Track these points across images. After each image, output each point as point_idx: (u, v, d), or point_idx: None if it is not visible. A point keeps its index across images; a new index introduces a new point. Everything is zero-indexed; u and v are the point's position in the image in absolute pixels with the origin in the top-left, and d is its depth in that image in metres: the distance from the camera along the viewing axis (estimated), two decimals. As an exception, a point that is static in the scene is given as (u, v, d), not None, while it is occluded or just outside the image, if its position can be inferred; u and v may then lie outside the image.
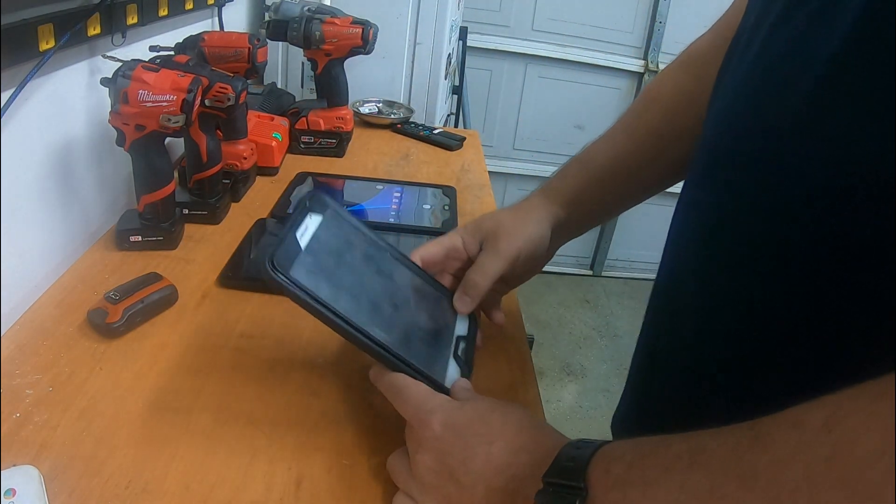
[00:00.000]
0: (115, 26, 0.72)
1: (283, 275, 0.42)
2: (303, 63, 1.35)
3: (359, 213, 0.85)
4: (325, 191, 0.92)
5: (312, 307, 0.43)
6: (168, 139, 0.69)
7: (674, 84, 0.58)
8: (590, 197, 0.59)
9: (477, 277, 0.53)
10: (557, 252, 0.62)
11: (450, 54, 1.50)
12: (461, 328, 0.54)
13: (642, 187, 0.60)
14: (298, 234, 0.46)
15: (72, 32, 0.63)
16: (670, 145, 0.56)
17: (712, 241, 0.42)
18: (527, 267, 0.57)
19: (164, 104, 0.63)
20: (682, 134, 0.54)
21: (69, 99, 0.68)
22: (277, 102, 1.16)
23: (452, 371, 0.49)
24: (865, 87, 0.31)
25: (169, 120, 0.64)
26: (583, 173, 0.59)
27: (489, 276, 0.53)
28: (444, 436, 0.41)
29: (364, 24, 0.99)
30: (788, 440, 0.27)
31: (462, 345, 0.52)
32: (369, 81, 1.33)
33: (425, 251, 0.55)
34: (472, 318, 0.55)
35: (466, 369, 0.50)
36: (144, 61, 0.66)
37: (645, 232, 2.58)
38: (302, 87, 1.38)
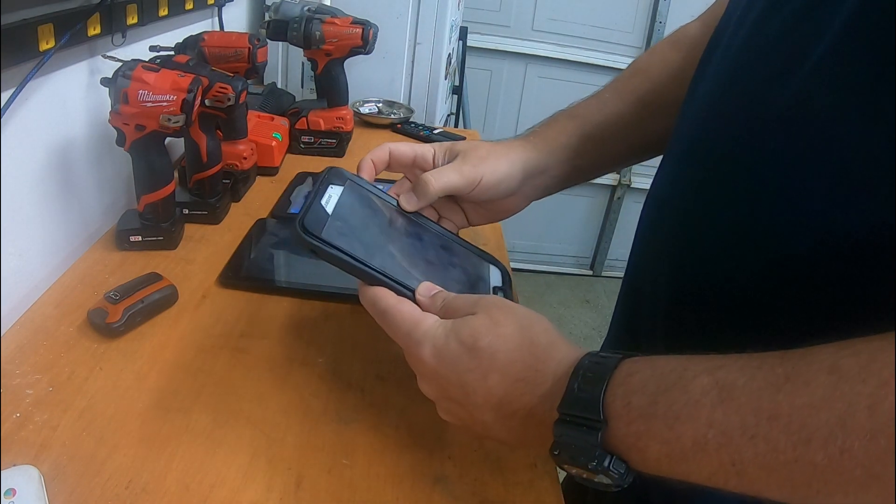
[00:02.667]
0: (115, 26, 0.72)
1: (315, 237, 0.44)
2: (303, 63, 1.35)
3: None
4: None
5: (351, 265, 0.45)
6: (168, 139, 0.69)
7: (661, 58, 0.58)
8: (576, 149, 0.57)
9: (430, 178, 0.52)
10: (557, 252, 0.62)
11: (450, 54, 1.50)
12: (496, 279, 0.54)
13: (626, 149, 0.59)
14: (324, 202, 0.47)
15: (72, 32, 0.63)
16: (655, 114, 0.56)
17: (688, 228, 0.42)
18: (487, 198, 0.55)
19: (164, 104, 0.63)
20: (666, 105, 0.54)
21: (69, 99, 0.68)
22: (277, 102, 1.16)
23: None
24: (856, 82, 0.32)
25: (169, 120, 0.64)
26: (570, 125, 0.58)
27: (441, 181, 0.51)
28: (439, 369, 0.40)
29: (364, 24, 0.99)
30: (824, 385, 0.27)
31: (500, 295, 0.53)
32: (369, 81, 1.33)
33: (395, 146, 0.54)
34: (503, 269, 0.56)
35: None
36: (144, 61, 0.66)
37: (645, 232, 2.57)
38: (302, 87, 1.38)
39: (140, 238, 0.71)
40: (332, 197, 0.49)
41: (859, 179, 0.31)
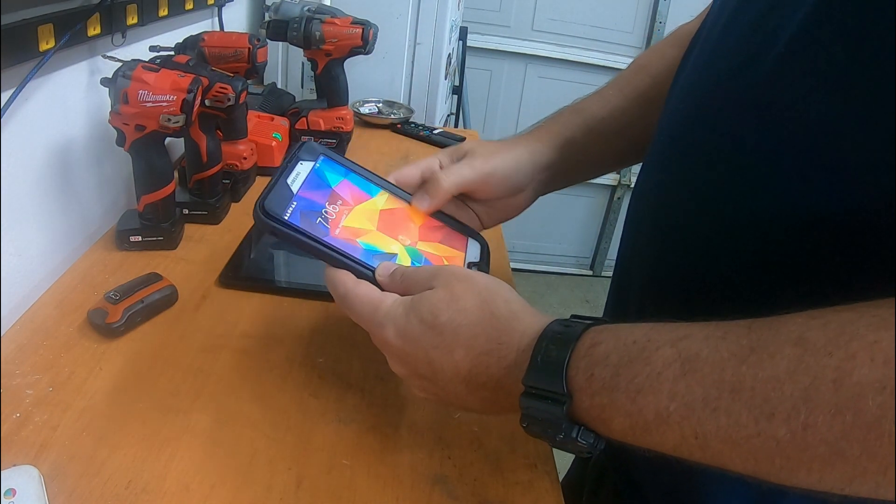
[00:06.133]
0: (115, 26, 0.72)
1: (274, 218, 0.44)
2: (303, 63, 1.35)
3: None
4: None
5: (309, 246, 0.45)
6: (168, 139, 0.69)
7: (661, 55, 0.59)
8: (580, 143, 0.57)
9: (442, 175, 0.52)
10: (557, 252, 0.62)
11: (450, 54, 1.50)
12: (472, 254, 0.54)
13: (628, 144, 0.59)
14: (290, 181, 0.47)
15: (72, 32, 0.63)
16: (656, 109, 0.56)
17: (667, 218, 0.42)
18: (499, 193, 0.55)
19: (164, 104, 0.63)
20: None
21: (69, 99, 0.68)
22: (277, 102, 1.16)
23: None
24: (823, 64, 0.32)
25: (169, 120, 0.64)
26: (574, 120, 0.58)
27: (454, 177, 0.52)
28: (404, 347, 0.40)
29: (364, 24, 0.99)
30: (789, 357, 0.27)
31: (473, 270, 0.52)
32: (369, 81, 1.33)
33: (400, 172, 0.54)
34: (484, 247, 0.55)
35: None
36: (144, 61, 0.66)
37: (645, 232, 2.57)
38: (302, 87, 1.38)
39: (140, 238, 0.71)
40: (300, 174, 0.48)
41: (833, 161, 0.31)
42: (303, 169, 0.49)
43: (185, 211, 0.77)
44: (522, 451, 0.50)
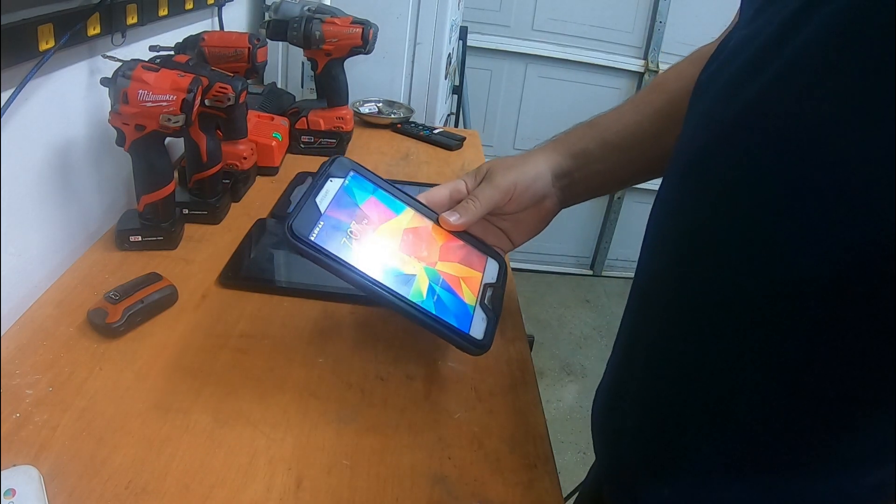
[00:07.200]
0: (115, 26, 0.72)
1: (302, 240, 0.45)
2: (303, 63, 1.35)
3: None
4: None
5: (331, 267, 0.46)
6: (168, 139, 0.69)
7: (678, 73, 0.59)
8: (595, 154, 0.59)
9: (472, 198, 0.56)
10: (557, 252, 0.62)
11: (450, 54, 1.50)
12: (490, 275, 0.56)
13: (646, 161, 0.60)
14: (318, 199, 0.48)
15: (72, 32, 0.63)
16: (673, 127, 0.56)
17: (689, 237, 0.42)
18: (524, 204, 0.58)
19: (164, 104, 0.63)
20: (682, 118, 0.55)
21: (69, 99, 0.68)
22: (277, 102, 1.16)
23: (479, 319, 0.52)
24: (843, 89, 0.31)
25: (169, 120, 0.64)
26: (589, 132, 0.60)
27: (481, 200, 0.56)
28: None
29: (364, 24, 0.99)
30: None
31: (489, 292, 0.54)
32: (369, 81, 1.33)
33: (430, 192, 0.58)
34: (502, 265, 0.57)
35: (493, 316, 0.53)
36: (144, 61, 0.66)
37: (645, 232, 2.57)
38: (302, 87, 1.37)
39: (140, 238, 0.71)
40: (329, 192, 0.49)
41: (852, 185, 0.30)
42: (332, 187, 0.50)
43: (185, 211, 0.77)
44: (522, 451, 0.50)
